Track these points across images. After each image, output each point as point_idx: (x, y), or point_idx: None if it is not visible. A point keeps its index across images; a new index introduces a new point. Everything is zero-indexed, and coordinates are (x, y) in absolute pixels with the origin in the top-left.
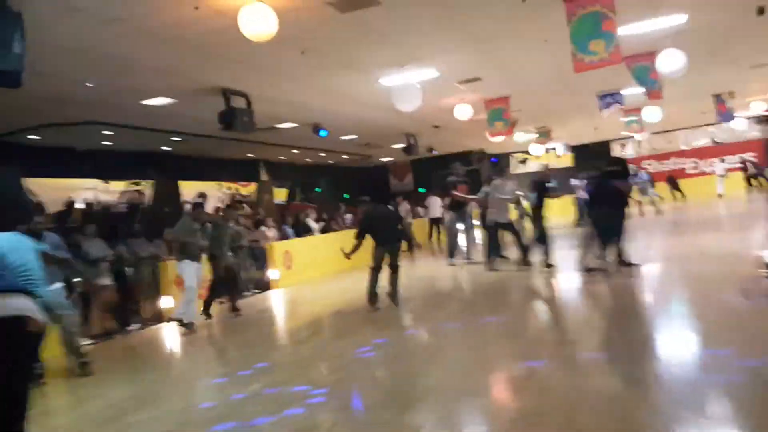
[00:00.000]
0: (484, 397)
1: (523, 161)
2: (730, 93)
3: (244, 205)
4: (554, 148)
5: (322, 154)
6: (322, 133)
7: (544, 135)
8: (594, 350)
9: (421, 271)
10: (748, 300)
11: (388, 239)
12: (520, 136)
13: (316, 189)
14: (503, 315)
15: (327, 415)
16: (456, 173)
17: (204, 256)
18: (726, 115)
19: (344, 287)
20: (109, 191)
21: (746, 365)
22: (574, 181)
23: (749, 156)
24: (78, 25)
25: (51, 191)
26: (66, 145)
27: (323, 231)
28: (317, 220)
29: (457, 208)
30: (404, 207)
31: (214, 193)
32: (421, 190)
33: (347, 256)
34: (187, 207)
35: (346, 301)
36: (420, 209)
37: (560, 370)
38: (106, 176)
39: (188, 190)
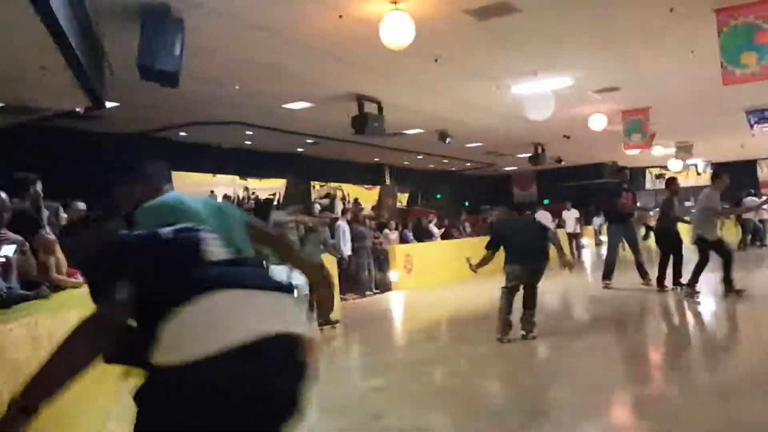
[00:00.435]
0: (608, 416)
1: (660, 176)
2: None
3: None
4: (695, 165)
5: (446, 161)
6: (448, 140)
7: (685, 150)
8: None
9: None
10: None
11: (526, 256)
12: (657, 150)
13: (437, 195)
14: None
15: (446, 418)
16: (621, 179)
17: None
18: None
19: (463, 295)
20: (246, 187)
21: None
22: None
23: None
24: (231, 31)
25: (191, 186)
26: (209, 143)
27: (443, 237)
28: (438, 226)
29: (621, 220)
30: (546, 216)
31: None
32: (546, 201)
33: (474, 268)
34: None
35: (468, 308)
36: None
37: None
38: (244, 173)
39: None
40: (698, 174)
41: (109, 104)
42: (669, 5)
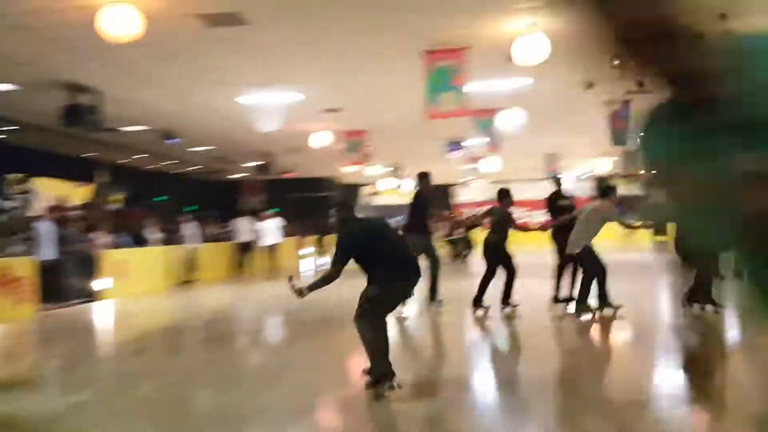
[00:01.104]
0: (312, 416)
1: (373, 194)
2: (559, 154)
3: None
4: (399, 185)
5: (171, 162)
6: (173, 141)
7: (395, 171)
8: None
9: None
10: None
11: (405, 269)
12: (372, 170)
13: (162, 198)
14: None
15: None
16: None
17: None
18: (554, 174)
19: (182, 303)
20: None
21: None
22: None
23: None
24: None
25: None
26: None
27: (166, 242)
28: (161, 230)
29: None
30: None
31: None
32: (275, 210)
33: (302, 293)
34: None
35: (185, 317)
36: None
37: None
38: None
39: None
40: (401, 195)
41: None
42: (387, 41)
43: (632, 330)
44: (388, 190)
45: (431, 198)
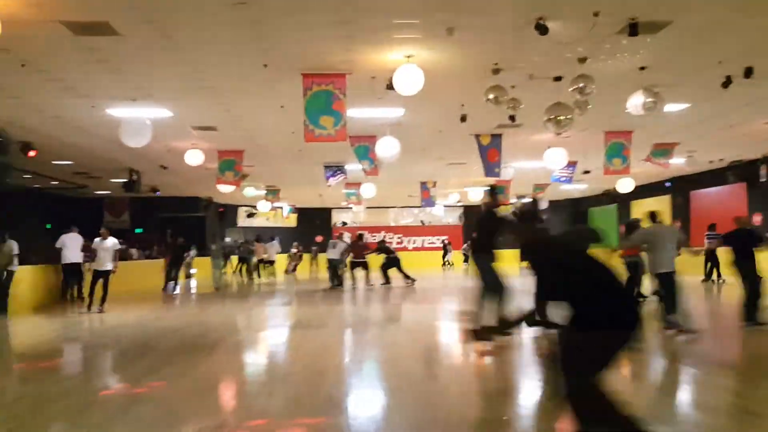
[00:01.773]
0: None
1: (251, 215)
2: (433, 182)
3: None
4: (281, 207)
5: (28, 176)
6: (31, 153)
7: (273, 193)
8: None
9: None
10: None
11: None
12: (249, 191)
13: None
14: None
15: None
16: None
17: None
18: (429, 201)
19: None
20: None
21: None
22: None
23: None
24: None
25: None
26: None
27: (22, 263)
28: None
29: None
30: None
31: None
32: (138, 230)
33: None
34: None
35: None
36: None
37: None
38: None
39: None
40: (284, 218)
41: None
42: (263, 61)
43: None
44: (267, 212)
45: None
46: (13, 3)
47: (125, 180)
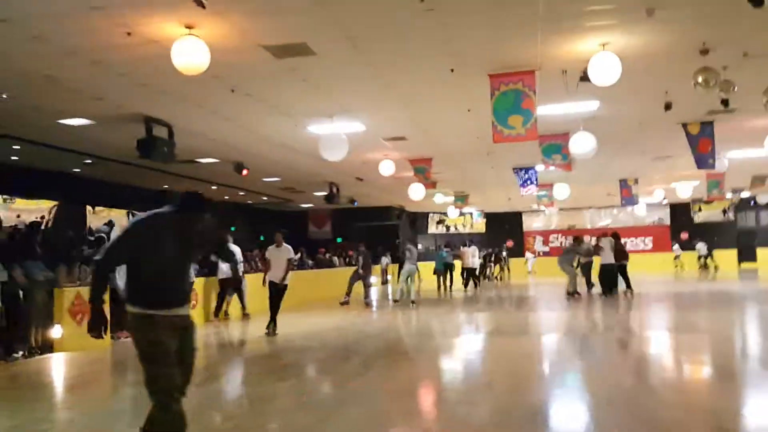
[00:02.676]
0: None
1: (441, 222)
2: (635, 179)
3: None
4: (471, 213)
5: (242, 194)
6: (244, 172)
7: (462, 199)
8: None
9: None
10: None
11: None
12: (439, 198)
13: (232, 228)
14: None
15: None
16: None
17: None
18: (629, 199)
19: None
20: (11, 209)
21: None
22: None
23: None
24: (2, 35)
25: None
26: None
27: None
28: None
29: None
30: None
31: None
32: (339, 239)
33: None
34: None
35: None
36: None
37: None
38: (10, 192)
39: (96, 216)
40: (471, 225)
41: None
42: (450, 66)
43: None
44: (456, 218)
45: None
46: (220, 32)
47: (326, 193)
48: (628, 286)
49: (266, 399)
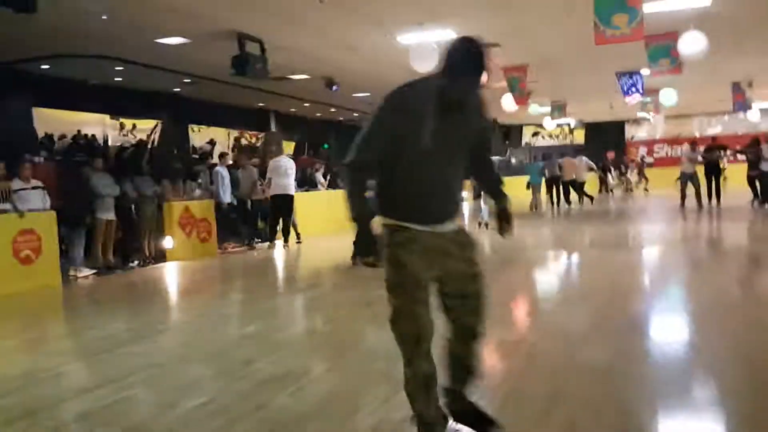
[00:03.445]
0: None
1: (536, 134)
2: (749, 82)
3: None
4: (568, 123)
5: (333, 110)
6: (335, 88)
7: (559, 109)
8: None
9: None
10: None
11: None
12: (534, 108)
13: (324, 146)
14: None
15: (317, 362)
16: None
17: None
18: (742, 105)
19: (347, 244)
20: (117, 127)
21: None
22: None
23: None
24: None
25: (59, 124)
26: (77, 78)
27: (329, 187)
28: (324, 176)
29: None
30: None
31: (222, 139)
32: None
33: None
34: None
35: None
36: None
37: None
38: (116, 113)
39: (196, 134)
40: (569, 133)
41: None
42: None
43: None
44: (553, 129)
45: None
46: None
47: None
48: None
49: (362, 304)
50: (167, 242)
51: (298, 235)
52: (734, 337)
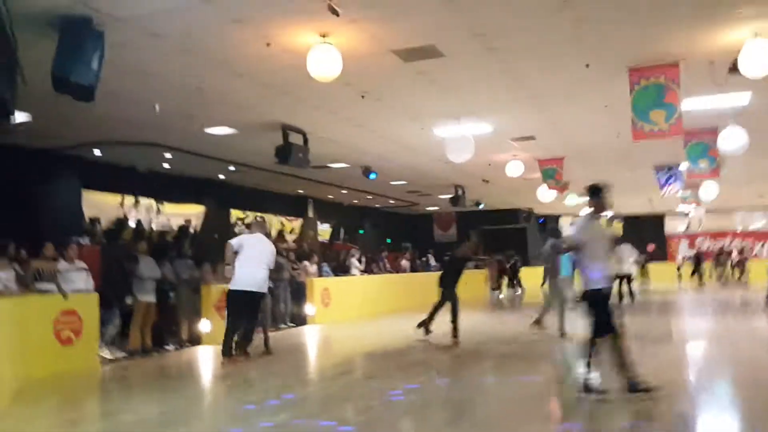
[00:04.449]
0: None
1: (573, 224)
2: None
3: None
4: (606, 216)
5: (369, 197)
6: (372, 176)
7: None
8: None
9: None
10: None
11: None
12: (571, 199)
13: (360, 231)
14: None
15: None
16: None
17: None
18: None
19: (380, 331)
20: (162, 213)
21: None
22: None
23: None
24: (153, 51)
25: (106, 207)
26: (125, 164)
27: (363, 273)
28: (359, 262)
29: None
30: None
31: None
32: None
33: None
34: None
35: (384, 344)
36: None
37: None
38: (161, 198)
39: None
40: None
41: (19, 116)
42: (585, 61)
43: None
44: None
45: None
46: (352, 38)
47: (451, 195)
48: None
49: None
50: (204, 325)
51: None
52: None
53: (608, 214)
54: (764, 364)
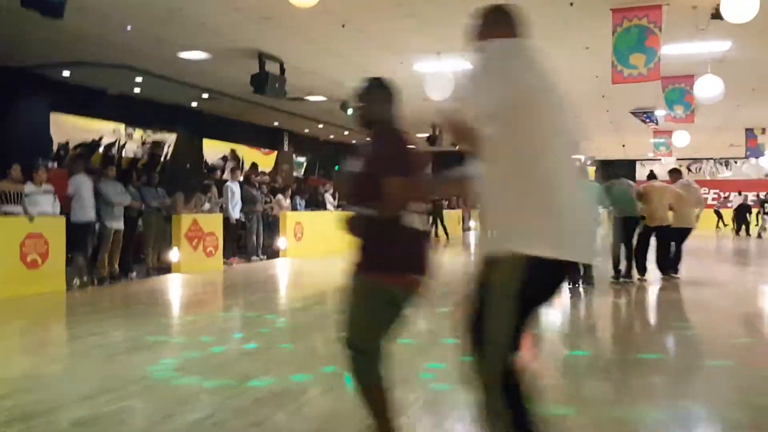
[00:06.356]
0: None
1: None
2: (762, 129)
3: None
4: (580, 159)
5: (346, 133)
6: (350, 111)
7: None
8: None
9: None
10: None
11: None
12: None
13: (335, 167)
14: None
15: (315, 379)
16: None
17: None
18: (755, 151)
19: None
20: (132, 138)
21: None
22: None
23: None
24: None
25: (74, 130)
26: (96, 87)
27: (337, 208)
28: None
29: None
30: None
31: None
32: None
33: None
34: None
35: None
36: None
37: None
38: (132, 123)
39: (210, 149)
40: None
41: None
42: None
43: None
44: None
45: None
46: None
47: (428, 135)
48: None
49: None
50: (173, 254)
51: None
52: None
53: (582, 158)
54: None
